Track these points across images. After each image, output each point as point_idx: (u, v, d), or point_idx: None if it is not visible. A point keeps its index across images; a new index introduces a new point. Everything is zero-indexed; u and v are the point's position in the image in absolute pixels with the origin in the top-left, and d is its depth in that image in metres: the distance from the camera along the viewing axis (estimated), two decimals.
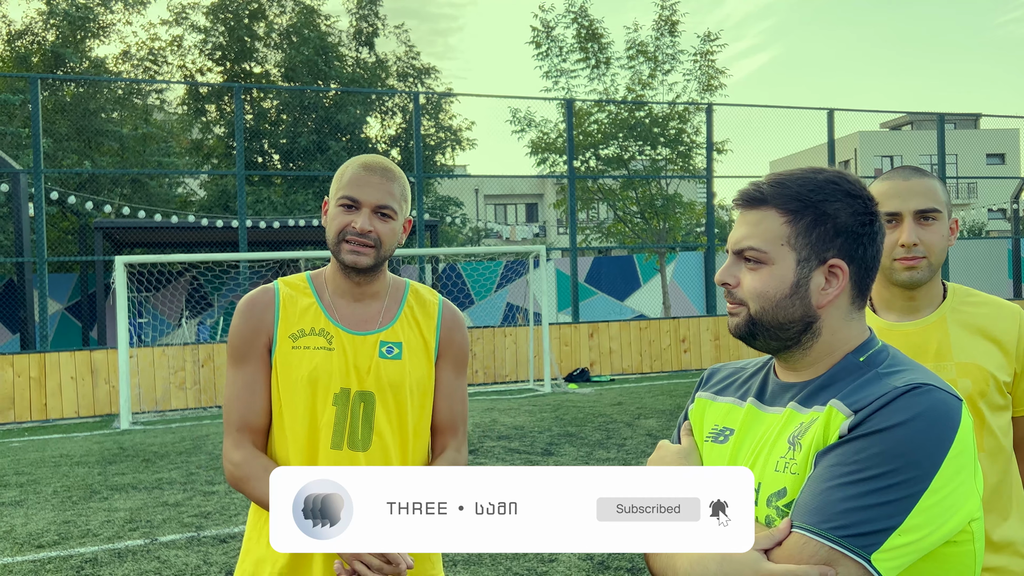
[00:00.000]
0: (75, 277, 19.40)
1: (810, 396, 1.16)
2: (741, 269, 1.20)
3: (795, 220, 1.16)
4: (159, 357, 11.70)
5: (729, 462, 1.21)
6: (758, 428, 1.21)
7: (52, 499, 6.41)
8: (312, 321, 1.75)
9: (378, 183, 1.71)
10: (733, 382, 1.32)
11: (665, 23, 17.86)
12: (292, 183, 22.22)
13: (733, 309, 1.21)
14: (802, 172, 1.19)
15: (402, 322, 1.79)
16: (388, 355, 1.75)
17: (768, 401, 1.23)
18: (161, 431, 9.78)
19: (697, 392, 1.38)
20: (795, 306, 1.16)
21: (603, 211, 20.02)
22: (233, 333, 1.76)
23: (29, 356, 11.16)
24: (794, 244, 1.16)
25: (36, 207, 12.01)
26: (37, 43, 21.87)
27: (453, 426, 1.84)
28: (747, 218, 1.19)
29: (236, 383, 1.74)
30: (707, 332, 14.51)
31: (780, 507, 1.11)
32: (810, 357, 1.19)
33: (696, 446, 1.29)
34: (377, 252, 1.71)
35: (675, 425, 1.30)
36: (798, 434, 1.13)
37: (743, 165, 60.08)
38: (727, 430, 1.25)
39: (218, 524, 5.51)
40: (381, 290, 1.80)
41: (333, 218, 1.73)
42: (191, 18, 23.12)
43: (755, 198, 1.19)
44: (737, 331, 1.21)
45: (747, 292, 1.18)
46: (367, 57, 24.19)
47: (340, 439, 1.71)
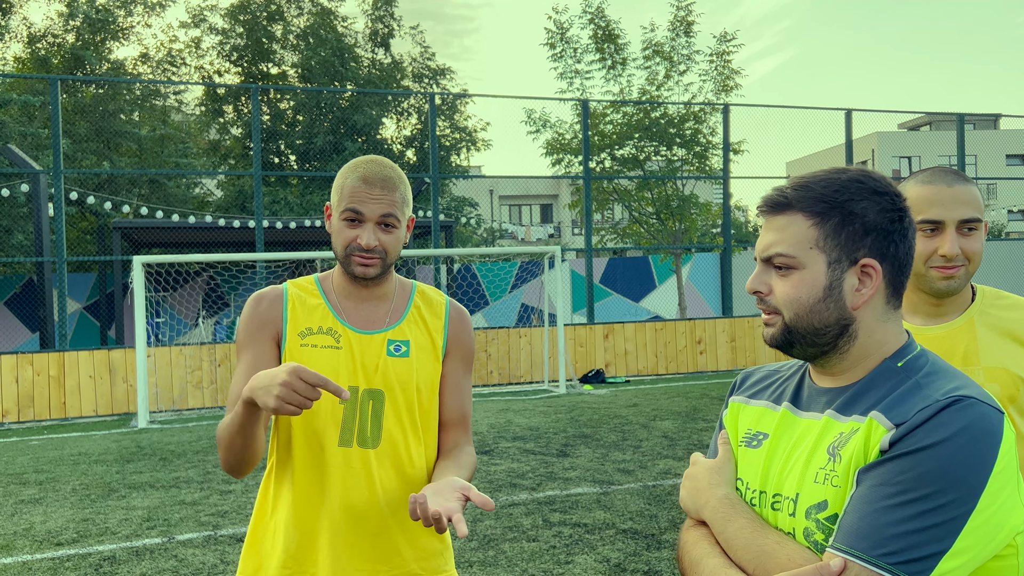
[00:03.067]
0: (93, 277, 19.56)
1: (848, 403, 1.14)
2: (771, 276, 1.18)
3: (822, 222, 1.14)
4: (176, 356, 11.77)
5: (763, 468, 1.20)
6: (793, 433, 1.19)
7: (71, 497, 6.46)
8: (320, 320, 1.76)
9: (379, 195, 1.71)
10: (768, 385, 1.30)
11: (681, 23, 17.80)
12: (308, 183, 22.31)
13: (769, 319, 1.19)
14: (825, 173, 1.17)
15: (409, 321, 1.81)
16: (396, 353, 1.76)
17: (804, 406, 1.21)
18: (178, 430, 9.85)
19: (730, 397, 1.36)
20: (829, 309, 1.14)
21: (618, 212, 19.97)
22: (241, 326, 1.77)
23: (48, 355, 11.26)
24: (823, 246, 1.14)
25: (55, 207, 12.13)
26: (57, 45, 22.10)
27: (463, 420, 1.85)
28: (773, 224, 1.18)
29: (239, 369, 1.74)
30: (723, 333, 14.43)
31: (821, 520, 1.09)
32: (847, 361, 1.17)
33: (732, 457, 1.27)
34: (383, 262, 1.73)
35: (690, 428, 1.28)
36: (838, 444, 1.11)
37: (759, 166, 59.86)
38: (761, 434, 1.24)
39: (235, 523, 5.53)
40: (388, 291, 1.82)
41: (338, 232, 1.74)
42: (209, 20, 23.29)
43: (779, 203, 1.17)
44: (773, 341, 1.19)
45: (780, 299, 1.16)
46: (383, 58, 24.27)
47: (349, 436, 1.71)
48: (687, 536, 1.23)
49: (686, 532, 1.24)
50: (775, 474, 1.17)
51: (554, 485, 6.29)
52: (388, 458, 1.73)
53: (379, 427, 1.73)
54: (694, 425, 8.77)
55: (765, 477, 1.19)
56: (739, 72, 17.81)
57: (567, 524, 5.24)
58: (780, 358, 14.96)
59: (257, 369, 1.72)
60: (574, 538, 4.94)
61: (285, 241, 18.93)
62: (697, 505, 1.23)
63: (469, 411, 1.87)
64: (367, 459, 1.71)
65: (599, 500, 5.80)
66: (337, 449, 1.71)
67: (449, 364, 1.84)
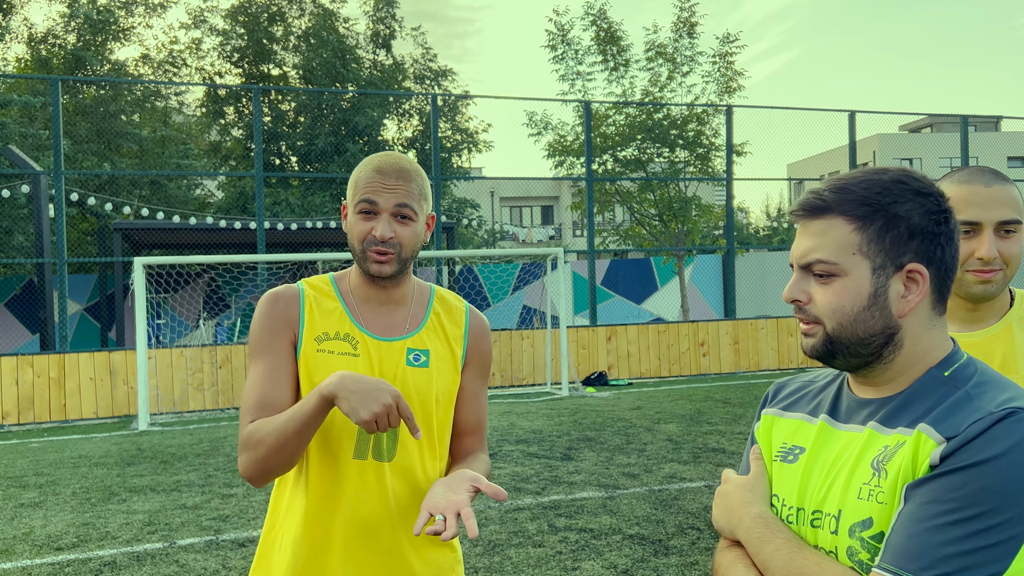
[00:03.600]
0: (94, 278, 19.51)
1: (892, 415, 1.08)
2: (810, 284, 1.12)
3: (865, 226, 1.08)
4: (177, 358, 11.72)
5: (801, 483, 1.14)
6: (833, 447, 1.13)
7: (71, 500, 6.41)
8: (337, 325, 1.68)
9: (394, 185, 1.64)
10: (802, 397, 1.24)
11: (684, 24, 17.76)
12: (309, 185, 22.27)
13: (809, 329, 1.13)
14: (864, 174, 1.11)
15: (429, 329, 1.74)
16: (415, 363, 1.69)
17: (843, 418, 1.15)
18: (179, 432, 9.79)
19: (762, 410, 1.30)
20: (875, 318, 1.08)
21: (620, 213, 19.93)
22: (255, 327, 1.68)
23: (48, 357, 11.21)
24: (867, 252, 1.08)
25: (56, 208, 12.08)
26: (58, 46, 22.06)
27: (479, 430, 1.80)
28: (810, 229, 1.12)
29: (255, 372, 1.65)
30: (726, 336, 14.38)
31: (865, 539, 1.03)
32: (892, 371, 1.11)
33: (766, 473, 1.21)
34: (399, 257, 1.66)
35: (694, 432, 1.22)
36: (883, 459, 1.05)
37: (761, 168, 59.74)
38: (797, 448, 1.17)
39: (237, 528, 5.47)
40: (407, 295, 1.75)
41: (353, 226, 1.67)
42: (210, 21, 23.25)
43: (817, 207, 1.11)
44: (814, 352, 1.13)
45: (821, 308, 1.11)
46: (384, 59, 24.23)
47: (364, 449, 1.64)
48: (721, 558, 1.17)
49: (720, 554, 1.18)
50: (814, 490, 1.11)
51: (559, 489, 6.23)
52: (403, 472, 1.66)
53: (395, 440, 1.66)
54: (699, 428, 8.71)
55: (803, 493, 1.13)
56: (742, 74, 17.76)
57: (573, 529, 5.18)
58: (783, 363, 14.91)
59: (276, 374, 1.64)
60: (580, 544, 4.88)
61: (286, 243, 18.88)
62: (731, 525, 1.17)
63: (485, 421, 1.81)
64: (381, 473, 1.64)
65: (605, 505, 5.74)
66: (351, 462, 1.64)
67: (467, 374, 1.77)
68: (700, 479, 6.42)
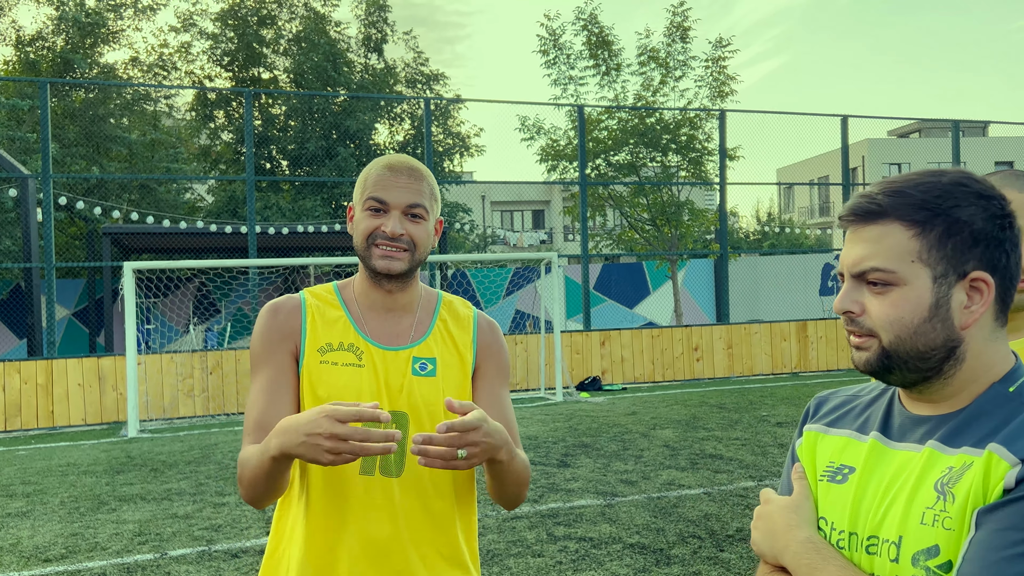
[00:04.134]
0: (82, 283, 19.32)
1: (954, 434, 1.01)
2: (863, 294, 1.05)
3: (924, 232, 1.01)
4: (167, 364, 11.58)
5: (853, 505, 1.06)
6: (887, 467, 1.05)
7: (59, 510, 6.28)
8: (341, 335, 1.61)
9: (406, 183, 1.58)
10: (848, 412, 1.17)
11: (677, 29, 17.76)
12: (300, 189, 22.15)
13: (862, 342, 1.05)
14: (920, 176, 1.04)
15: (435, 336, 1.66)
16: (421, 372, 1.61)
17: (896, 436, 1.07)
18: (169, 439, 9.66)
19: (804, 425, 1.21)
20: (936, 330, 1.01)
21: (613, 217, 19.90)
22: (256, 339, 1.62)
23: (36, 363, 11.05)
24: (927, 259, 1.01)
25: (44, 212, 11.93)
26: (47, 48, 21.87)
27: (510, 430, 1.67)
28: (864, 235, 1.04)
29: (256, 387, 1.59)
30: (720, 340, 14.34)
31: (931, 568, 0.95)
32: (952, 387, 1.03)
33: (811, 493, 1.13)
34: (411, 256, 1.59)
35: (691, 437, 1.14)
36: (948, 481, 0.97)
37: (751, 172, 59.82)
38: (846, 468, 1.10)
39: (229, 538, 5.37)
40: (413, 301, 1.67)
41: (359, 223, 1.60)
42: (200, 24, 23.11)
43: (872, 211, 1.03)
44: (868, 367, 1.05)
45: (877, 320, 1.03)
46: (376, 63, 24.14)
47: (371, 464, 1.56)
48: None
49: None
50: (868, 513, 1.04)
51: (556, 497, 6.15)
52: (412, 488, 1.58)
53: (403, 453, 1.58)
54: (695, 434, 8.65)
55: (855, 516, 1.05)
56: (735, 78, 17.76)
57: (572, 538, 5.10)
58: (777, 368, 14.86)
59: (278, 389, 1.58)
60: (580, 553, 4.80)
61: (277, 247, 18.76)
62: (775, 550, 1.09)
63: (514, 425, 1.69)
64: (390, 489, 1.56)
65: (603, 513, 5.67)
66: (358, 478, 1.55)
67: (482, 378, 1.69)
68: (699, 486, 6.35)
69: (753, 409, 10.40)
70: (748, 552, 4.71)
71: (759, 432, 8.67)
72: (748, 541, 4.91)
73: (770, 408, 10.44)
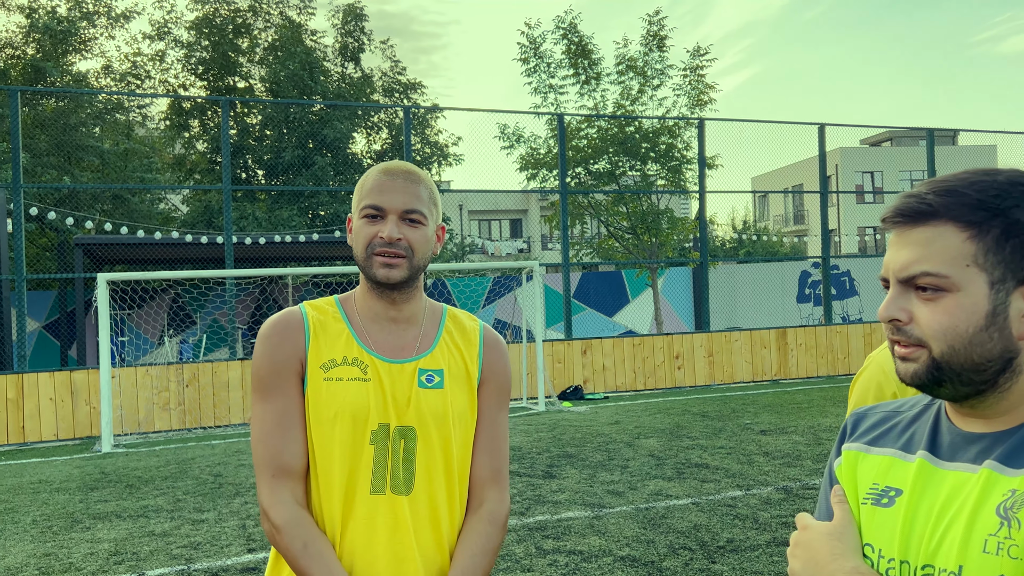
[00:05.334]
0: (53, 295, 18.96)
1: (1015, 453, 0.93)
2: (912, 301, 0.97)
3: (980, 234, 0.94)
4: (142, 377, 11.36)
5: (903, 531, 0.98)
6: (938, 489, 0.97)
7: (31, 529, 6.09)
8: (344, 349, 1.54)
9: (402, 187, 1.53)
10: (890, 429, 1.09)
11: (654, 38, 17.83)
12: (277, 199, 21.93)
13: (909, 353, 0.97)
14: (972, 175, 0.97)
15: (441, 348, 1.60)
16: (428, 384, 1.54)
17: (947, 455, 0.99)
18: (145, 454, 9.45)
19: (843, 444, 1.13)
20: (993, 340, 0.93)
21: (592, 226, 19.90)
22: (260, 360, 1.54)
23: (6, 377, 10.79)
24: (983, 263, 0.93)
25: (15, 223, 11.68)
26: (17, 57, 21.51)
27: (497, 470, 1.60)
28: (912, 237, 0.97)
29: (266, 420, 1.52)
30: (700, 348, 14.34)
31: None
32: (1007, 401, 0.96)
33: (853, 518, 1.05)
34: (410, 262, 1.52)
35: (676, 446, 1.05)
36: (1011, 505, 0.90)
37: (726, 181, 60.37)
38: (892, 490, 1.02)
39: (209, 556, 5.22)
40: (417, 313, 1.61)
41: (358, 232, 1.54)
42: (174, 32, 22.86)
43: (922, 212, 0.96)
44: (916, 379, 0.97)
45: (928, 329, 0.95)
46: (353, 72, 24.01)
47: (381, 482, 1.49)
48: None
49: None
50: (922, 540, 0.96)
51: (544, 509, 6.07)
52: (423, 506, 1.51)
53: (411, 470, 1.51)
54: (679, 443, 8.61)
55: (906, 543, 0.97)
56: (713, 87, 17.86)
57: (562, 552, 5.01)
58: (758, 375, 14.90)
59: (286, 423, 1.51)
60: (571, 567, 4.72)
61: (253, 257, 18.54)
62: None
63: (504, 456, 1.63)
64: (400, 508, 1.49)
65: (592, 525, 5.59)
66: (369, 497, 1.49)
67: (482, 398, 1.62)
68: (687, 496, 6.29)
69: (736, 417, 10.38)
70: (740, 563, 4.65)
71: (743, 440, 8.65)
72: (739, 552, 4.85)
73: (752, 416, 10.43)
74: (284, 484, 1.49)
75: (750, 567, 4.58)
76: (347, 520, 1.49)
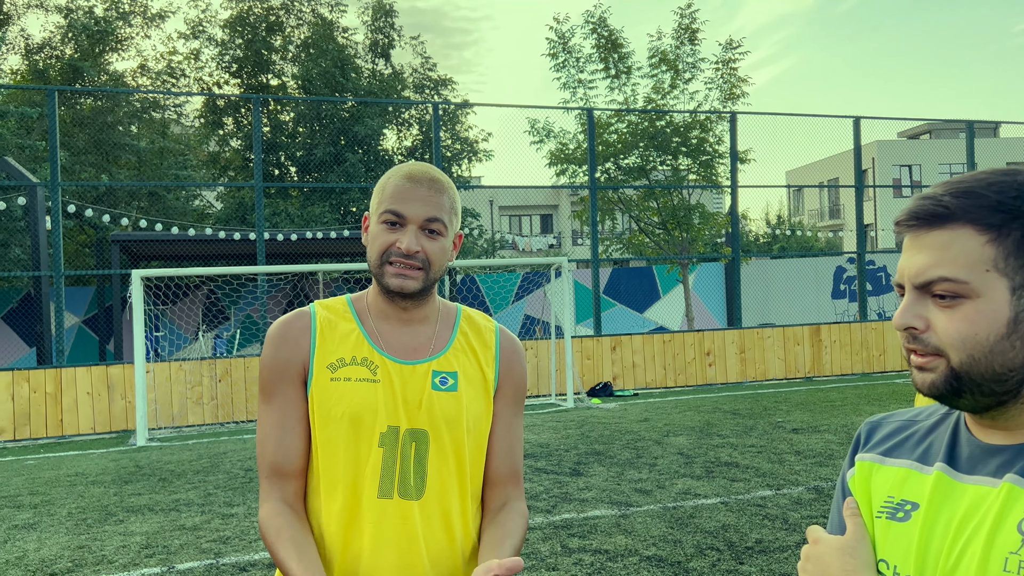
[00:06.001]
0: (92, 290, 19.32)
1: None
2: (928, 308, 0.93)
3: (1000, 237, 0.89)
4: (176, 372, 11.52)
5: (919, 546, 0.94)
6: (957, 503, 0.93)
7: (67, 521, 6.21)
8: (353, 349, 1.52)
9: (425, 196, 1.48)
10: (906, 439, 1.05)
11: (685, 31, 17.66)
12: (309, 195, 22.12)
13: (926, 362, 0.93)
14: (990, 175, 0.93)
15: (456, 349, 1.56)
16: (442, 386, 1.51)
17: (965, 468, 0.95)
18: (178, 448, 9.59)
19: (856, 454, 1.09)
20: (1015, 349, 0.89)
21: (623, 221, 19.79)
22: (264, 363, 1.54)
23: (45, 371, 11.01)
24: (1004, 268, 0.89)
25: (53, 220, 11.90)
26: (55, 57, 21.92)
27: (514, 474, 1.59)
28: (928, 241, 0.93)
29: (267, 421, 1.52)
30: (732, 345, 14.19)
31: None
32: None
33: (867, 532, 1.01)
34: (426, 275, 1.49)
35: (705, 445, 1.01)
36: None
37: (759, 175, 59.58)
38: (908, 503, 0.98)
39: (238, 551, 5.27)
40: (430, 315, 1.58)
41: (375, 237, 1.50)
42: (208, 31, 23.14)
43: (938, 214, 0.92)
44: (934, 390, 0.93)
45: (945, 337, 0.91)
46: (383, 69, 24.11)
47: (389, 487, 1.47)
48: None
49: None
50: (939, 556, 0.92)
51: (570, 507, 6.04)
52: (434, 512, 1.48)
53: (423, 474, 1.49)
54: (709, 441, 8.52)
55: (922, 560, 0.93)
56: (745, 80, 17.63)
57: (587, 551, 4.98)
58: (790, 373, 14.70)
59: (287, 423, 1.51)
60: (596, 566, 4.69)
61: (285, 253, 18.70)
62: None
63: (520, 458, 1.61)
64: (410, 513, 1.47)
65: (618, 524, 5.55)
66: (376, 501, 1.46)
67: (499, 403, 1.59)
68: (715, 495, 6.22)
69: (767, 415, 10.26)
70: (768, 565, 4.59)
71: (775, 439, 8.54)
72: (768, 553, 4.78)
73: (785, 414, 10.30)
74: (276, 485, 1.50)
75: (779, 569, 4.52)
76: (352, 524, 1.47)
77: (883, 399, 11.53)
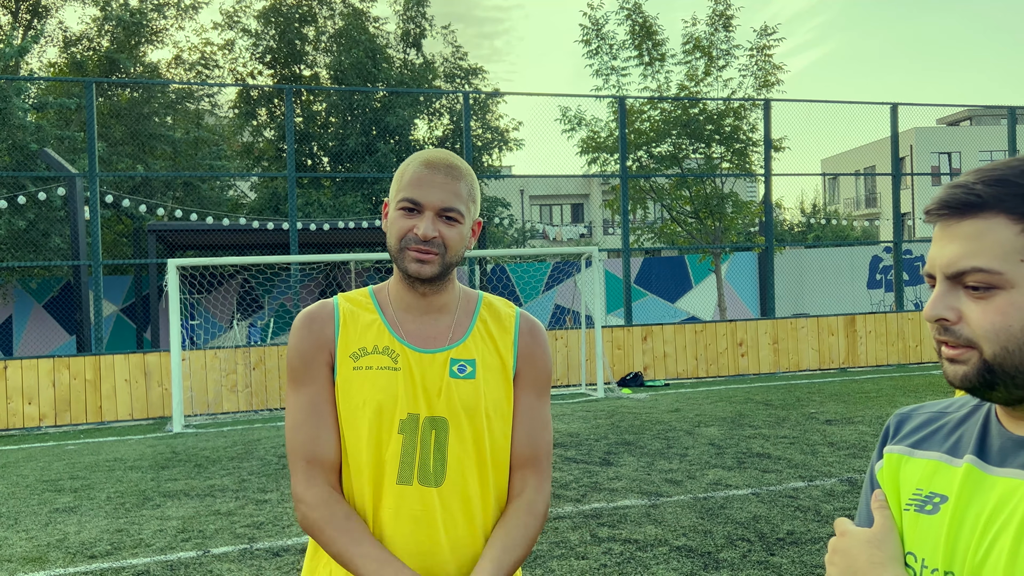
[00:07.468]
0: (129, 279, 19.68)
1: None
2: (960, 299, 0.91)
3: None
4: (211, 359, 11.70)
5: (947, 540, 0.92)
6: (987, 496, 0.91)
7: (106, 505, 6.35)
8: (375, 338, 1.54)
9: (442, 182, 1.50)
10: (936, 431, 1.03)
11: (720, 17, 17.44)
12: (341, 185, 22.27)
13: (958, 354, 0.92)
14: (1022, 163, 0.91)
15: (475, 337, 1.58)
16: (460, 374, 1.53)
17: (996, 460, 0.93)
18: (213, 435, 9.74)
19: (885, 446, 1.07)
20: None
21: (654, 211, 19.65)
22: (292, 352, 1.56)
23: (84, 359, 11.24)
24: None
25: (91, 210, 12.12)
26: (92, 49, 22.27)
27: (536, 459, 1.58)
28: (959, 231, 0.91)
29: (299, 409, 1.54)
30: (765, 336, 14.06)
31: None
32: None
33: (895, 525, 1.00)
34: (442, 259, 1.51)
35: (737, 435, 0.99)
36: None
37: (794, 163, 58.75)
38: (937, 496, 0.96)
39: (271, 535, 5.35)
40: (450, 302, 1.59)
41: (393, 223, 1.53)
42: (242, 22, 23.34)
43: (970, 203, 0.90)
44: (966, 382, 0.92)
45: (979, 329, 0.90)
46: (415, 59, 24.15)
47: (409, 473, 1.49)
48: None
49: None
50: (968, 550, 0.90)
51: (600, 496, 6.04)
52: (454, 498, 1.50)
53: (443, 461, 1.50)
54: (741, 432, 8.46)
55: (951, 553, 0.92)
56: (780, 68, 17.38)
57: (616, 540, 4.98)
58: (824, 363, 14.53)
59: (318, 411, 1.53)
60: (625, 556, 4.69)
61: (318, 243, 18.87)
62: None
63: (547, 445, 1.60)
64: (429, 500, 1.49)
65: (648, 513, 5.54)
66: (395, 488, 1.48)
67: (520, 387, 1.59)
68: (746, 486, 6.18)
69: (800, 406, 10.16)
70: (800, 556, 4.55)
71: (807, 430, 8.45)
72: (800, 545, 4.75)
73: (818, 405, 10.19)
74: (318, 472, 1.51)
75: (810, 560, 4.48)
76: (376, 509, 1.49)
77: (919, 390, 11.35)
